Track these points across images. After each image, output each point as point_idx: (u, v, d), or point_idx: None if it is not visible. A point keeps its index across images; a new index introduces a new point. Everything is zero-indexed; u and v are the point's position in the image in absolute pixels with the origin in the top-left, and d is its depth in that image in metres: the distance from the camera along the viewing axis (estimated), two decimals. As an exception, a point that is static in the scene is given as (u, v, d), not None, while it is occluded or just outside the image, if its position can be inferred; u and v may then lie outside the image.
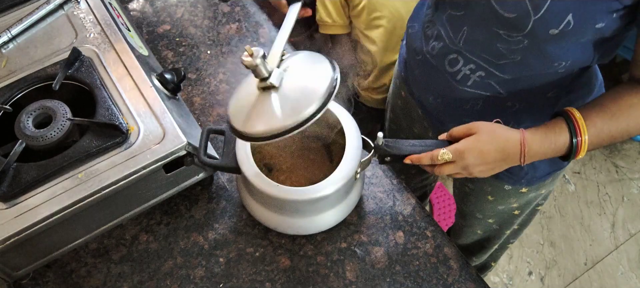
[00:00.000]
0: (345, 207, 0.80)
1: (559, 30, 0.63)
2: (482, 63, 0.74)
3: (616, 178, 1.99)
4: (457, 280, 0.80)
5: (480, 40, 0.72)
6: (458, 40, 0.75)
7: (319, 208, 0.76)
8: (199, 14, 1.15)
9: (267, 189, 0.71)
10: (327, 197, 0.73)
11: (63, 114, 0.75)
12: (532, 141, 0.68)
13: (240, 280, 0.80)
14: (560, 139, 0.68)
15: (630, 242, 1.83)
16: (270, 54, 0.64)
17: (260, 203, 0.78)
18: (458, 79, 0.78)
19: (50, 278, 0.81)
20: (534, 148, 0.68)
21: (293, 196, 0.72)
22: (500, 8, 0.65)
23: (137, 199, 0.79)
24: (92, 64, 0.83)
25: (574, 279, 1.75)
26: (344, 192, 0.76)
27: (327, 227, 0.81)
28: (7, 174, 0.70)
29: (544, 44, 0.67)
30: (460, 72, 0.77)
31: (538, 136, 0.68)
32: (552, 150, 0.69)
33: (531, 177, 0.89)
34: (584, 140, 0.67)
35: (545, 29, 0.63)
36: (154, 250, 0.83)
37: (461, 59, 0.76)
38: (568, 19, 0.61)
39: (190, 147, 0.75)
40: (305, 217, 0.77)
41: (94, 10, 0.91)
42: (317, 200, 0.73)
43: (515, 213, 1.03)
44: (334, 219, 0.80)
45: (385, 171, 0.91)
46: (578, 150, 0.68)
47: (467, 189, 1.02)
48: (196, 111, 0.99)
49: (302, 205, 0.74)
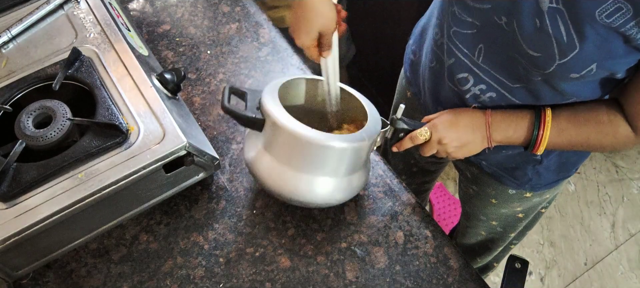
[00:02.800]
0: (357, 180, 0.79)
1: (580, 75, 0.62)
2: (494, 84, 0.73)
3: (616, 178, 1.99)
4: (457, 280, 0.80)
5: (498, 60, 0.71)
6: (476, 57, 0.73)
7: (332, 169, 0.75)
8: (199, 14, 1.15)
9: (297, 130, 0.70)
10: (348, 152, 0.73)
11: (63, 114, 0.75)
12: (495, 114, 0.74)
13: (240, 280, 0.80)
14: (523, 127, 0.72)
15: (630, 242, 1.83)
16: None
17: (276, 157, 0.75)
18: (467, 97, 0.78)
19: (50, 278, 0.81)
20: (498, 127, 0.74)
21: (319, 140, 0.71)
22: (526, 44, 0.64)
23: (137, 199, 0.79)
24: (92, 64, 0.83)
25: (574, 279, 1.75)
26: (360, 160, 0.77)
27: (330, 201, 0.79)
28: (7, 174, 0.70)
29: (560, 82, 0.66)
30: (470, 91, 0.77)
31: (502, 116, 0.74)
32: (514, 136, 0.74)
33: (535, 183, 0.89)
34: (545, 135, 0.71)
35: (566, 72, 0.63)
36: (154, 250, 0.83)
37: (472, 78, 0.75)
38: (591, 68, 0.61)
39: (190, 147, 0.75)
40: (318, 176, 0.75)
41: (94, 10, 0.91)
42: (338, 153, 0.72)
43: (520, 217, 1.03)
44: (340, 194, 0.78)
45: (386, 171, 0.91)
46: (537, 143, 0.72)
47: (471, 191, 1.02)
48: (196, 111, 0.99)
49: (324, 155, 0.73)
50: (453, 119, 0.76)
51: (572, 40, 0.59)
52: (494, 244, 1.18)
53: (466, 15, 0.71)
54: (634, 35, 0.56)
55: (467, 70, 0.75)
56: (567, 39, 0.59)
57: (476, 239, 1.19)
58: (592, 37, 0.57)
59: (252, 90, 0.77)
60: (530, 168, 0.86)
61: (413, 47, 0.97)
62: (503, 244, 1.18)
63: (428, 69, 0.87)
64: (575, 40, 0.58)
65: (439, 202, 1.83)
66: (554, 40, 0.60)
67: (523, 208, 0.98)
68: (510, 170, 0.88)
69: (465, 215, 1.16)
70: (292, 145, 0.73)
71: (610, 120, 0.68)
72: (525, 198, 0.94)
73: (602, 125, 0.69)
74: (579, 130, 0.70)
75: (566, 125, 0.70)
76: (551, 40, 0.60)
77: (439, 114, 0.78)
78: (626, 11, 0.55)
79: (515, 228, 1.09)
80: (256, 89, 0.78)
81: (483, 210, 1.04)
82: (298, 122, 0.71)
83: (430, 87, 0.88)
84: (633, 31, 0.56)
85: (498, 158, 0.87)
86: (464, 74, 0.76)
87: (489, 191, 0.97)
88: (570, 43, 0.59)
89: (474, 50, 0.73)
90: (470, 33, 0.72)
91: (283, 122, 0.71)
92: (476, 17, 0.70)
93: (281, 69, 1.05)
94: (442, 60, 0.81)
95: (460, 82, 0.77)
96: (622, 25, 0.55)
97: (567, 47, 0.59)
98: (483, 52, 0.72)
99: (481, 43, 0.71)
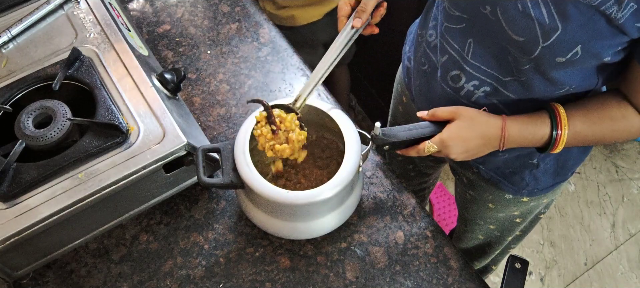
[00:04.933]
0: (348, 207, 0.79)
1: (566, 59, 0.63)
2: (486, 79, 0.74)
3: (616, 178, 1.99)
4: (457, 280, 0.80)
5: (488, 53, 0.71)
6: (466, 52, 0.74)
7: (324, 210, 0.76)
8: (199, 14, 1.15)
9: (276, 198, 0.70)
10: (335, 196, 0.72)
11: (63, 114, 0.75)
12: (511, 127, 0.71)
13: (240, 280, 0.80)
14: (541, 130, 0.71)
15: (630, 242, 1.83)
16: None
17: (266, 212, 0.77)
18: (462, 94, 0.78)
19: (50, 278, 0.81)
20: (513, 136, 0.71)
21: (303, 200, 0.71)
22: (510, 30, 0.65)
23: (137, 199, 0.79)
24: (92, 64, 0.83)
25: (574, 279, 1.75)
26: (349, 188, 0.76)
27: (330, 230, 0.80)
28: (7, 174, 0.70)
29: (549, 69, 0.66)
30: (464, 88, 0.77)
31: (518, 124, 0.71)
32: (530, 140, 0.72)
33: (533, 188, 0.89)
34: (564, 134, 0.69)
35: (552, 56, 0.63)
36: (154, 250, 0.83)
37: (464, 76, 0.75)
38: (576, 50, 0.61)
39: (190, 147, 0.75)
40: (312, 220, 0.77)
41: (94, 10, 0.91)
42: (325, 201, 0.72)
43: (517, 221, 1.02)
44: (337, 221, 0.79)
45: (386, 171, 0.91)
46: (556, 143, 0.71)
47: (468, 196, 1.02)
48: (196, 111, 0.99)
49: (312, 208, 0.74)
50: (464, 135, 0.71)
51: (554, 21, 0.60)
52: (491, 247, 1.18)
53: (454, 10, 0.72)
54: (614, 14, 0.57)
55: (459, 68, 0.76)
56: (549, 20, 0.60)
57: (474, 243, 1.19)
58: (575, 16, 0.58)
59: (224, 144, 0.76)
60: (528, 172, 0.86)
61: (409, 53, 0.96)
62: (500, 247, 1.17)
63: (421, 72, 0.87)
64: (557, 20, 0.59)
65: (439, 202, 1.83)
66: (536, 22, 0.61)
67: (520, 212, 0.98)
68: (508, 175, 0.88)
69: (462, 219, 1.16)
70: (276, 206, 0.73)
71: (623, 115, 0.68)
72: (522, 202, 0.93)
73: (615, 122, 0.69)
74: (594, 130, 0.70)
75: (581, 127, 0.70)
76: (533, 22, 0.61)
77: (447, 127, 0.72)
78: None
79: (512, 232, 1.09)
80: (227, 142, 0.76)
81: (480, 214, 1.03)
82: (275, 188, 0.70)
83: (423, 90, 0.88)
84: (613, 10, 0.56)
85: (496, 162, 0.87)
86: (456, 71, 0.76)
87: (486, 196, 0.96)
88: (552, 24, 0.60)
89: (463, 45, 0.74)
90: (460, 28, 0.73)
91: (260, 190, 0.70)
92: (464, 10, 0.71)
93: (281, 69, 1.05)
94: (434, 62, 0.81)
95: (453, 80, 0.77)
96: (602, 3, 0.56)
97: (550, 28, 0.60)
98: (472, 46, 0.72)
99: (470, 37, 0.72)
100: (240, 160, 0.72)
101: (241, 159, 0.72)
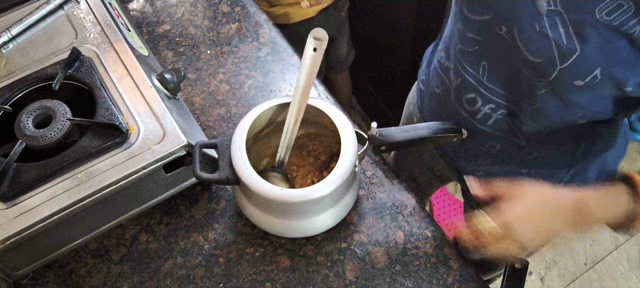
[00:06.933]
0: (345, 205, 0.79)
1: (585, 83, 0.60)
2: (501, 101, 0.72)
3: (616, 178, 1.99)
4: (457, 280, 0.80)
5: (502, 76, 0.69)
6: (481, 75, 0.71)
7: (320, 208, 0.76)
8: (199, 14, 1.15)
9: (271, 195, 0.70)
10: (331, 194, 0.72)
11: (63, 114, 0.75)
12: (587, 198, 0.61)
13: (240, 280, 0.80)
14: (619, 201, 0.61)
15: (630, 242, 1.83)
16: None
17: (261, 209, 0.77)
18: (478, 118, 0.76)
19: (50, 278, 0.81)
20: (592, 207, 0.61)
21: (298, 198, 0.71)
22: (527, 50, 0.62)
23: (137, 199, 0.79)
24: (92, 64, 0.83)
25: (574, 279, 1.75)
26: (345, 187, 0.76)
27: (327, 228, 0.81)
28: (7, 174, 0.70)
29: (566, 92, 0.64)
30: (480, 111, 0.75)
31: (593, 194, 0.62)
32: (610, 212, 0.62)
33: None
34: None
35: (570, 79, 0.60)
36: (154, 250, 0.83)
37: (479, 99, 0.74)
38: (595, 74, 0.58)
39: (190, 147, 0.75)
40: (308, 218, 0.77)
41: (94, 10, 0.91)
42: (320, 199, 0.72)
43: None
44: (333, 219, 0.79)
45: (386, 171, 0.91)
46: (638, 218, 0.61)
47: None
48: (196, 111, 0.99)
49: (307, 206, 0.74)
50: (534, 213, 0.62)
51: (572, 42, 0.58)
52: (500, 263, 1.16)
53: (468, 31, 0.70)
54: (638, 33, 0.55)
55: (474, 90, 0.74)
56: (566, 41, 0.58)
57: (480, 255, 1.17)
58: (593, 38, 0.56)
59: (221, 140, 0.76)
60: None
61: (423, 76, 0.94)
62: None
63: (434, 95, 0.86)
64: (575, 42, 0.57)
65: (439, 202, 1.83)
66: (554, 43, 0.59)
67: None
68: None
69: None
70: (271, 203, 0.74)
71: None
72: None
73: None
74: None
75: None
76: (551, 43, 0.59)
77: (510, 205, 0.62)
78: (627, 8, 0.54)
79: None
80: (224, 138, 0.76)
81: None
82: (269, 185, 0.70)
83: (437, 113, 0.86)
84: (636, 29, 0.54)
85: None
86: (472, 94, 0.75)
87: None
88: (570, 45, 0.58)
89: (478, 68, 0.72)
90: (473, 50, 0.71)
91: (256, 187, 0.70)
92: (477, 32, 0.69)
93: (281, 69, 1.05)
94: (447, 84, 0.80)
95: (469, 103, 0.76)
96: (624, 23, 0.54)
97: (567, 50, 0.58)
98: (487, 69, 0.71)
99: (484, 60, 0.70)
100: (236, 156, 0.73)
101: (237, 155, 0.73)
